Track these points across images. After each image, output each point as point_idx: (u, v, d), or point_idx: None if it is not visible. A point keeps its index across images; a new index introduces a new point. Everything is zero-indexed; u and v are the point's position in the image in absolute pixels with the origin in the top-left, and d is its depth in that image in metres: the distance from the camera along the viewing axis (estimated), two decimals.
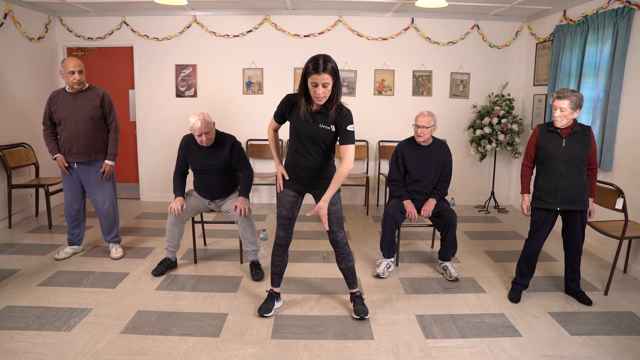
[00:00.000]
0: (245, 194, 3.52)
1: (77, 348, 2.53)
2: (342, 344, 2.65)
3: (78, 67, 3.55)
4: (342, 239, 2.87)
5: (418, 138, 3.63)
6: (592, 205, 3.20)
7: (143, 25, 5.63)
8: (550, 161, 3.06)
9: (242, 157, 3.56)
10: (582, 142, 3.02)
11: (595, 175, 3.17)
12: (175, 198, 3.51)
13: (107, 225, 3.90)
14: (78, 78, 3.55)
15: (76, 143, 3.64)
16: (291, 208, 2.82)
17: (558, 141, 3.03)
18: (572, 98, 2.92)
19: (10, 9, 4.77)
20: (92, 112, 3.64)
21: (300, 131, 2.68)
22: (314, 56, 2.50)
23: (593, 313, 3.05)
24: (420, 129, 3.58)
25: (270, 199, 6.02)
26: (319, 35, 5.64)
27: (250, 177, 3.56)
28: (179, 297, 3.19)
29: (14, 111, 4.91)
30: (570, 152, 3.01)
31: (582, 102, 2.96)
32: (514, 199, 6.02)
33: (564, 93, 2.94)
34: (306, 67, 2.49)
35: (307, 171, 2.76)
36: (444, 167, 3.71)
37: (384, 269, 3.61)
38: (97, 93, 3.69)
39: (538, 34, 5.43)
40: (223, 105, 5.80)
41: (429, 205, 3.62)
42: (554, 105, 2.99)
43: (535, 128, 3.19)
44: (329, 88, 2.51)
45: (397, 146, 3.78)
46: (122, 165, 5.99)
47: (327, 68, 2.45)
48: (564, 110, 2.94)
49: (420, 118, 3.60)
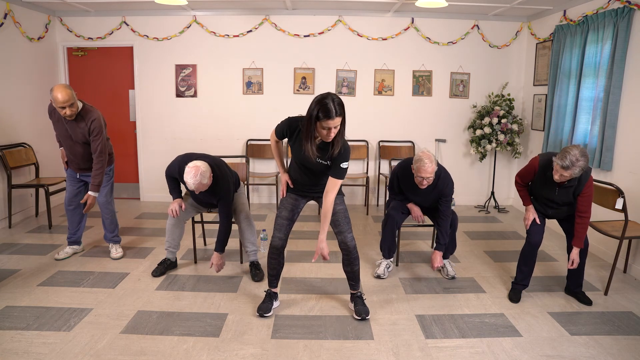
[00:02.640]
0: (220, 250, 3.33)
1: (77, 348, 2.53)
2: (342, 344, 2.65)
3: (67, 102, 3.29)
4: (351, 240, 2.87)
5: (421, 186, 3.26)
6: (576, 255, 3.04)
7: (143, 25, 5.63)
8: (540, 198, 3.18)
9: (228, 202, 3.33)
10: (577, 189, 2.96)
11: (585, 224, 3.00)
12: (173, 199, 3.50)
13: (109, 220, 3.88)
14: (69, 113, 3.36)
15: (75, 159, 3.70)
16: (292, 210, 2.84)
17: (551, 187, 3.03)
18: (575, 170, 2.73)
19: (10, 9, 4.77)
20: (84, 139, 3.56)
21: (299, 159, 2.75)
22: (322, 100, 2.39)
23: (593, 313, 3.05)
24: (425, 180, 3.19)
25: (270, 199, 6.02)
26: (319, 35, 5.64)
27: (228, 230, 3.33)
28: (179, 297, 3.19)
29: (14, 111, 4.91)
30: (562, 198, 3.04)
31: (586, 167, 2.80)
32: (514, 199, 6.02)
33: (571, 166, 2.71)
34: (316, 112, 2.39)
35: (309, 185, 2.87)
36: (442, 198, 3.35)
37: (384, 270, 3.61)
38: (87, 121, 3.48)
39: (538, 34, 5.43)
40: (223, 105, 5.80)
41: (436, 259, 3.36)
42: (555, 168, 2.82)
43: (535, 160, 3.07)
44: (338, 128, 2.48)
45: (395, 169, 3.56)
46: (122, 165, 5.99)
47: (339, 112, 2.39)
48: (564, 177, 2.82)
49: (423, 170, 3.12)
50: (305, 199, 2.90)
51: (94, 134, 3.50)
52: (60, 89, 3.30)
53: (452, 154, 5.92)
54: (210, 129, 5.84)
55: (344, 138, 2.59)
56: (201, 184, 3.11)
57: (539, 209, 3.23)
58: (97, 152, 3.52)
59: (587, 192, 2.96)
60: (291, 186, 2.88)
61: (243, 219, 3.53)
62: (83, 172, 3.77)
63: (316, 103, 2.41)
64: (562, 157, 2.74)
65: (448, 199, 3.36)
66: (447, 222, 3.38)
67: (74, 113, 3.42)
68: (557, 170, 2.81)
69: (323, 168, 2.71)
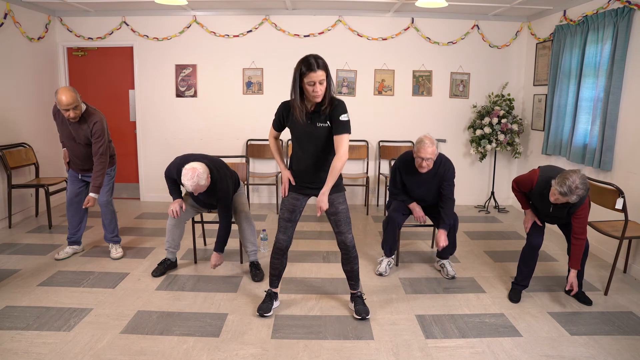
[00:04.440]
0: (219, 249, 3.38)
1: (77, 348, 2.53)
2: (342, 344, 2.65)
3: (70, 104, 3.33)
4: (350, 240, 2.87)
5: (421, 169, 3.33)
6: (574, 278, 3.01)
7: (143, 25, 5.63)
8: (535, 210, 3.21)
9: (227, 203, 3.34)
10: (572, 208, 2.94)
11: (581, 246, 2.96)
12: (173, 200, 3.50)
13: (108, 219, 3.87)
14: (72, 115, 3.40)
15: (77, 161, 3.73)
16: (293, 211, 2.83)
17: (547, 204, 3.03)
18: (573, 198, 2.69)
19: (10, 9, 4.77)
20: (86, 140, 3.60)
21: (300, 134, 2.70)
22: (303, 57, 2.52)
23: (593, 313, 3.05)
24: (425, 161, 3.26)
25: (270, 199, 6.02)
26: (319, 35, 5.64)
27: (227, 231, 3.36)
28: (179, 297, 3.19)
29: (14, 111, 4.91)
30: (557, 214, 3.05)
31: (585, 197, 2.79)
32: (514, 199, 6.02)
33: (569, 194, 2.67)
34: (299, 68, 2.51)
35: (313, 171, 2.76)
36: (444, 182, 3.41)
37: (385, 267, 3.63)
38: (89, 123, 3.52)
39: (538, 34, 5.43)
40: (223, 105, 5.80)
41: (440, 238, 3.38)
42: (552, 190, 2.78)
43: (534, 173, 3.03)
44: (324, 85, 2.54)
45: (395, 162, 3.60)
46: (122, 165, 5.99)
47: (320, 65, 2.50)
48: (560, 201, 2.79)
49: (423, 150, 3.22)
50: (306, 197, 2.87)
51: (96, 136, 3.53)
52: (65, 92, 3.32)
53: (452, 154, 5.90)
54: (210, 129, 5.84)
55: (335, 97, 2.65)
56: (199, 186, 3.13)
57: (537, 216, 3.24)
58: (99, 154, 3.55)
59: (581, 214, 2.92)
60: (293, 183, 2.83)
61: (243, 219, 3.53)
62: (85, 173, 3.80)
63: (299, 62, 2.52)
64: (561, 183, 2.69)
65: (450, 183, 3.42)
66: (450, 205, 3.41)
67: (78, 115, 3.46)
68: (554, 193, 2.77)
69: (326, 133, 2.65)
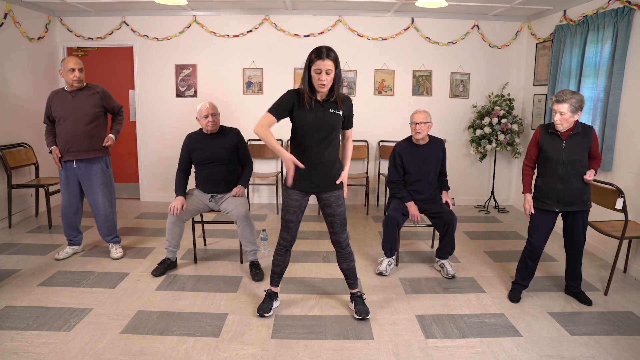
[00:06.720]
0: (244, 184, 3.69)
1: (77, 348, 2.53)
2: (342, 344, 2.65)
3: (78, 64, 3.60)
4: (344, 240, 2.89)
5: (417, 135, 3.62)
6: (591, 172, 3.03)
7: (143, 25, 5.63)
8: (548, 163, 3.05)
9: (247, 147, 3.74)
10: (583, 144, 2.99)
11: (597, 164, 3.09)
12: (176, 197, 3.52)
13: (107, 227, 3.89)
14: (78, 76, 3.59)
15: (75, 141, 3.64)
16: (295, 212, 2.83)
17: (558, 143, 3.01)
18: (572, 101, 2.86)
19: (10, 9, 4.77)
20: (92, 109, 3.66)
21: (309, 122, 2.64)
22: (316, 47, 2.59)
23: (593, 313, 3.05)
24: (418, 125, 3.59)
25: (270, 199, 6.02)
26: (319, 35, 5.64)
27: (250, 170, 3.76)
28: (179, 297, 3.19)
29: (14, 111, 4.91)
30: (570, 155, 2.98)
31: (582, 103, 2.91)
32: (514, 199, 6.02)
33: (563, 96, 2.86)
34: (310, 56, 2.57)
35: (316, 164, 2.69)
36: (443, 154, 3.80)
37: (386, 267, 3.64)
38: (97, 90, 3.73)
39: (538, 34, 5.43)
40: (223, 105, 5.78)
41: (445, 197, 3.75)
42: (553, 109, 2.94)
43: (536, 128, 3.15)
44: (331, 76, 2.57)
45: (394, 148, 3.78)
46: (122, 165, 5.99)
47: (330, 55, 2.55)
48: (564, 114, 2.88)
49: (416, 115, 3.62)
50: (306, 196, 2.85)
51: (107, 96, 3.77)
52: (71, 57, 3.67)
53: (452, 154, 5.90)
54: None
55: None
56: (213, 107, 3.52)
57: (549, 195, 3.06)
58: (118, 108, 3.88)
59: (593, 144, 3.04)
60: (300, 166, 2.58)
61: (243, 219, 3.53)
62: (81, 156, 3.67)
63: (311, 51, 2.59)
64: (556, 94, 2.93)
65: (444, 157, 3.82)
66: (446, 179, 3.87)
67: (82, 79, 3.65)
68: (555, 109, 2.92)
69: (336, 120, 2.70)
